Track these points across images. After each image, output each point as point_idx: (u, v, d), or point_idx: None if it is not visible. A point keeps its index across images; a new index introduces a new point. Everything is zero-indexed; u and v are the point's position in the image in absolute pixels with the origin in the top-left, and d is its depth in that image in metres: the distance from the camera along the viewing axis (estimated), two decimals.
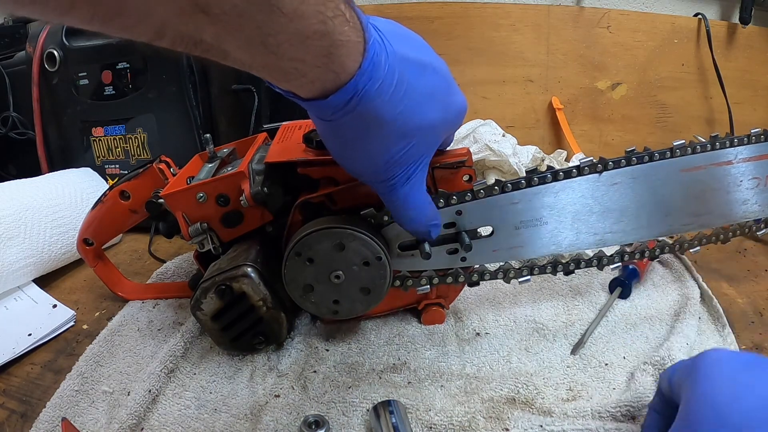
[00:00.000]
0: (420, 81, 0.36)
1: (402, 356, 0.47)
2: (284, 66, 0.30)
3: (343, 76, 0.32)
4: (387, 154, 0.36)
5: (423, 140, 0.38)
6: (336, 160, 0.40)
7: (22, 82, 0.78)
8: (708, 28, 0.89)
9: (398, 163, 0.37)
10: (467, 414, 0.39)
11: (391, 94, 0.34)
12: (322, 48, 0.30)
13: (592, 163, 0.45)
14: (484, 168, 0.74)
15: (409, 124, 0.36)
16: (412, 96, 0.35)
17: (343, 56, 0.31)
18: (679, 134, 0.81)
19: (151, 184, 0.52)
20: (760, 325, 0.49)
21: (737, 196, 0.49)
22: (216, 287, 0.44)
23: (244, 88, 0.75)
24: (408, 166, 0.38)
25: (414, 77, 0.35)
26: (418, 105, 0.36)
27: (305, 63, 0.30)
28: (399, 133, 0.36)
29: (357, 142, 0.36)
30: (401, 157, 0.37)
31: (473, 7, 0.92)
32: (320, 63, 0.30)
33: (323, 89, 0.32)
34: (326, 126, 0.36)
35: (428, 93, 0.37)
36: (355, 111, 0.33)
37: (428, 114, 0.37)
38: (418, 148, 0.38)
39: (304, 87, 0.32)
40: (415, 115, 0.36)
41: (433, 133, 0.38)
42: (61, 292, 0.61)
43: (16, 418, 0.42)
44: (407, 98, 0.35)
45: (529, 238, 0.47)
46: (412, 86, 0.35)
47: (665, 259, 0.60)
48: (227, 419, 0.41)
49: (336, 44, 0.30)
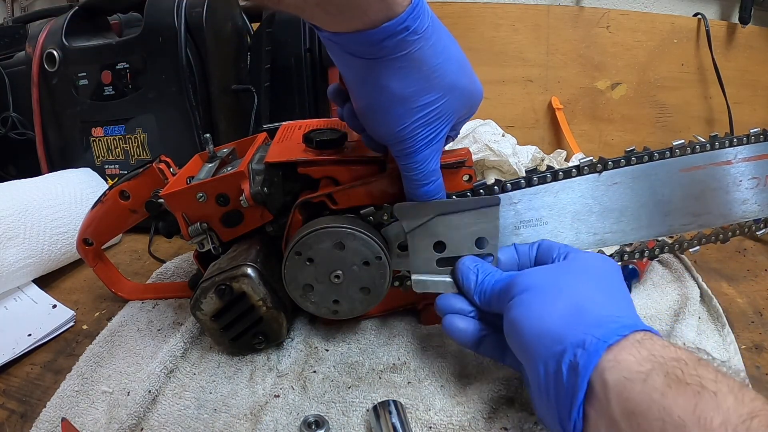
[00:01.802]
0: (454, 47, 0.38)
1: (402, 356, 0.47)
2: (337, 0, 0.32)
3: (394, 7, 0.33)
4: (419, 102, 0.37)
5: (452, 102, 0.38)
6: (361, 113, 0.40)
7: (21, 82, 0.77)
8: (707, 28, 0.89)
9: (426, 120, 0.38)
10: (467, 414, 0.39)
11: (433, 42, 0.36)
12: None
13: (592, 163, 0.45)
14: (484, 168, 0.75)
15: (445, 79, 0.37)
16: (448, 54, 0.37)
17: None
18: (679, 134, 0.82)
19: (150, 184, 0.52)
20: (760, 324, 0.49)
21: (737, 195, 0.49)
22: (216, 287, 0.44)
23: (244, 88, 0.75)
24: (433, 126, 0.38)
25: (448, 41, 0.38)
26: (453, 65, 0.38)
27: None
28: (435, 84, 0.37)
29: (392, 83, 0.36)
30: (430, 113, 0.38)
31: (473, 7, 0.92)
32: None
33: (374, 20, 0.33)
34: (364, 66, 0.36)
35: (460, 60, 0.39)
36: (401, 46, 0.34)
37: (460, 78, 0.39)
38: (447, 108, 0.38)
39: (355, 19, 0.33)
40: (450, 72, 0.37)
41: (460, 99, 0.39)
42: (61, 293, 0.61)
43: (16, 418, 0.42)
44: (445, 53, 0.37)
45: (529, 238, 0.47)
46: (447, 47, 0.37)
47: (665, 258, 0.60)
48: (227, 419, 0.41)
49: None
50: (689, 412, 0.26)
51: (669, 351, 0.30)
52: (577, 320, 0.33)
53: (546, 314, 0.34)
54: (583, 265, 0.39)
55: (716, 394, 0.26)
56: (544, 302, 0.35)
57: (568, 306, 0.34)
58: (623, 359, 0.30)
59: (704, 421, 0.25)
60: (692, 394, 0.27)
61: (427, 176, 0.41)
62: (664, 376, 0.28)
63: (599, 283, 0.37)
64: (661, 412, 0.27)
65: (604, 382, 0.29)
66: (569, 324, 0.33)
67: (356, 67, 0.37)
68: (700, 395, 0.26)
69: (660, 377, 0.28)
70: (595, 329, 0.32)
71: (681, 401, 0.26)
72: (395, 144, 0.40)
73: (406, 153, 0.40)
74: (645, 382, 0.28)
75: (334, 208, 0.46)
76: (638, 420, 0.28)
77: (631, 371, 0.29)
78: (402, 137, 0.39)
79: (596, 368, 0.30)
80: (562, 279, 0.38)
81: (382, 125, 0.39)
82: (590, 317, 0.33)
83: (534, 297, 0.36)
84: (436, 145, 0.40)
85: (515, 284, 0.38)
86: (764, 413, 0.25)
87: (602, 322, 0.32)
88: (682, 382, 0.27)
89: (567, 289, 0.36)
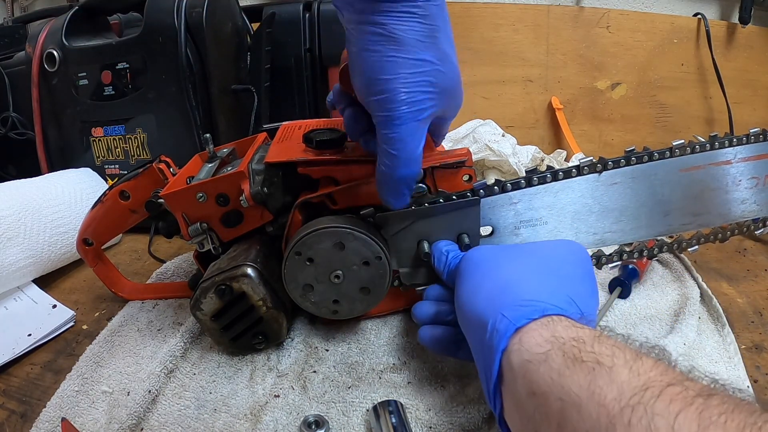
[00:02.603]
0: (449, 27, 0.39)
1: (402, 356, 0.47)
2: None
3: None
4: (414, 56, 0.37)
5: (443, 77, 0.38)
6: (351, 64, 0.39)
7: (21, 82, 0.77)
8: (707, 27, 0.89)
9: (415, 80, 0.37)
10: (467, 414, 0.39)
11: (438, 8, 0.36)
12: None
13: (592, 163, 0.45)
14: (484, 168, 0.75)
15: (442, 45, 0.38)
16: (446, 30, 0.38)
17: None
18: (679, 134, 0.82)
19: (150, 184, 0.52)
20: (760, 324, 0.49)
21: (736, 195, 0.49)
22: (216, 287, 0.44)
23: (243, 88, 0.75)
24: (421, 93, 0.37)
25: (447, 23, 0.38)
26: (449, 41, 0.38)
27: None
28: (433, 44, 0.37)
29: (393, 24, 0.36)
30: (421, 74, 0.37)
31: (473, 7, 0.92)
32: None
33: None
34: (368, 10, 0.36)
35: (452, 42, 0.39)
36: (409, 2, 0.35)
37: (452, 56, 0.39)
38: (438, 79, 0.38)
39: None
40: (446, 43, 0.38)
41: (450, 79, 0.39)
42: (61, 293, 0.61)
43: (16, 418, 0.42)
44: (444, 27, 0.38)
45: (529, 238, 0.47)
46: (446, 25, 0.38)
47: (665, 258, 0.60)
48: (227, 419, 0.41)
49: None
50: (585, 388, 0.26)
51: (570, 331, 0.30)
52: (499, 300, 0.33)
53: (477, 292, 0.35)
54: (535, 247, 0.39)
55: (611, 369, 0.26)
56: (480, 279, 0.36)
57: (496, 285, 0.34)
58: (526, 341, 0.30)
59: (599, 397, 0.25)
60: (587, 371, 0.27)
61: (408, 156, 0.38)
62: (563, 355, 0.28)
63: (542, 266, 0.37)
64: (559, 392, 0.27)
65: (510, 364, 0.30)
66: (492, 303, 0.33)
67: (361, 10, 0.36)
68: (595, 372, 0.26)
69: (558, 357, 0.28)
70: (509, 310, 0.32)
71: (577, 379, 0.27)
72: (378, 100, 0.37)
73: (388, 116, 0.37)
74: (544, 363, 0.28)
75: (334, 208, 0.46)
76: (539, 400, 0.28)
77: (532, 353, 0.29)
78: (387, 90, 0.37)
79: (505, 351, 0.31)
80: (503, 257, 0.38)
81: (370, 71, 0.37)
82: (510, 298, 0.33)
83: (472, 273, 0.37)
84: (421, 122, 0.38)
85: (464, 259, 0.39)
86: (657, 383, 0.24)
87: (519, 304, 0.32)
88: (578, 360, 0.27)
89: (503, 267, 0.36)
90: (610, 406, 0.24)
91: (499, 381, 0.31)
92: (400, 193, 0.41)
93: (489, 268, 0.37)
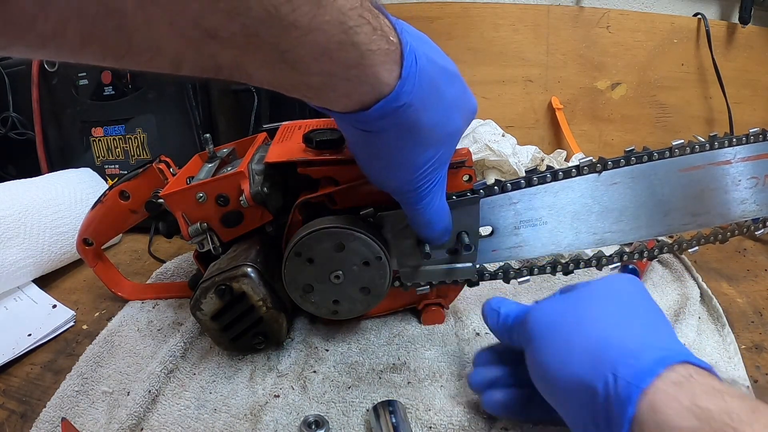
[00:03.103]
0: (449, 89, 0.36)
1: (402, 356, 0.47)
2: (312, 82, 0.29)
3: (379, 87, 0.31)
4: (419, 162, 0.36)
5: (450, 147, 0.38)
6: (364, 170, 0.40)
7: (22, 82, 0.78)
8: (707, 28, 0.89)
9: (427, 172, 0.37)
10: (467, 414, 0.39)
11: (429, 103, 0.33)
12: (349, 59, 0.29)
13: (592, 163, 0.45)
14: (484, 168, 0.74)
15: (442, 132, 0.36)
16: (443, 104, 0.35)
17: (375, 66, 0.29)
18: (679, 134, 0.82)
19: (150, 184, 0.52)
20: (760, 324, 0.49)
21: (736, 195, 0.49)
22: (216, 287, 0.44)
23: (243, 88, 0.75)
24: (435, 173, 0.38)
25: (444, 85, 0.35)
26: (449, 112, 0.36)
27: (334, 76, 0.29)
28: (432, 141, 0.36)
29: (392, 151, 0.35)
30: (431, 166, 0.37)
31: (473, 7, 0.92)
32: (350, 76, 0.29)
33: (360, 102, 0.31)
34: (361, 137, 0.35)
35: (455, 100, 0.37)
36: (396, 121, 0.33)
37: (456, 121, 0.37)
38: (446, 155, 0.38)
39: (339, 101, 0.31)
40: (447, 124, 0.36)
41: (457, 139, 0.39)
42: (61, 293, 0.61)
43: (16, 418, 0.42)
44: (440, 106, 0.35)
45: (529, 238, 0.47)
46: (443, 94, 0.35)
47: (665, 258, 0.60)
48: (227, 419, 0.41)
49: (365, 54, 0.29)
50: None
51: (715, 400, 0.25)
52: (601, 358, 0.29)
53: (567, 357, 0.30)
54: (598, 287, 0.35)
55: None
56: (563, 342, 0.31)
57: (588, 341, 0.30)
58: (661, 410, 0.26)
59: None
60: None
61: (435, 215, 0.40)
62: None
63: (620, 306, 0.33)
64: None
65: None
66: (593, 365, 0.29)
67: (355, 134, 0.36)
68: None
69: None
70: (623, 368, 0.28)
71: None
72: (399, 194, 0.39)
73: (408, 202, 0.39)
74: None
75: (334, 209, 0.46)
76: None
77: (673, 427, 0.25)
78: (405, 191, 0.38)
79: (633, 419, 0.26)
80: (579, 308, 0.33)
81: (385, 184, 0.39)
82: (615, 352, 0.29)
83: (550, 338, 0.32)
84: (438, 185, 0.39)
85: (528, 321, 0.35)
86: None
87: (630, 356, 0.28)
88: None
89: (585, 321, 0.32)
90: None
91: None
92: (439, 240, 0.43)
93: (568, 325, 0.32)
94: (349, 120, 0.33)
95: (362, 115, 0.32)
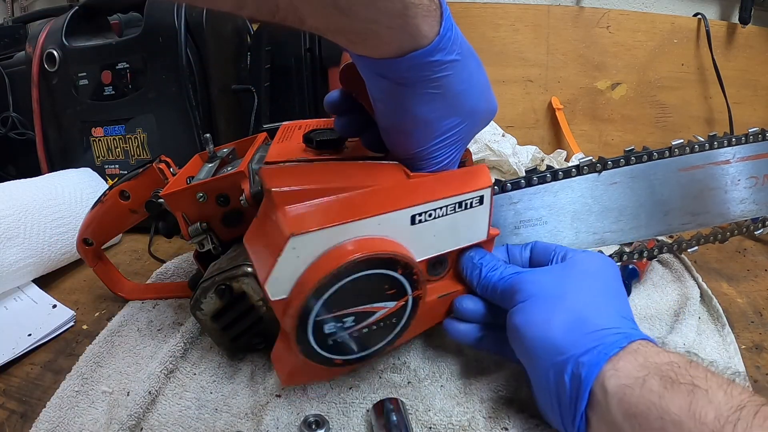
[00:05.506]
0: (479, 71, 0.38)
1: (402, 356, 0.47)
2: (358, 28, 0.31)
3: (419, 39, 0.32)
4: (440, 126, 0.37)
5: (470, 126, 0.39)
6: (383, 129, 0.40)
7: (21, 82, 0.77)
8: (708, 28, 0.89)
9: (445, 141, 0.38)
10: (467, 414, 0.39)
11: (460, 69, 0.35)
12: (395, 9, 0.31)
13: (591, 163, 0.46)
14: None
15: (467, 104, 0.37)
16: (473, 80, 0.37)
17: (417, 18, 0.32)
18: (679, 134, 0.82)
19: (150, 184, 0.52)
20: (760, 324, 0.50)
21: (735, 195, 0.49)
22: (216, 287, 0.44)
23: (243, 88, 0.75)
24: (451, 149, 0.39)
25: (475, 65, 0.37)
26: (476, 90, 0.38)
27: (379, 24, 0.31)
28: (457, 109, 0.37)
29: (419, 106, 0.36)
30: (450, 137, 0.38)
31: (473, 7, 0.92)
32: (394, 24, 0.31)
33: (400, 49, 0.33)
34: (391, 89, 0.36)
35: (483, 84, 0.39)
36: (429, 75, 0.34)
37: (481, 103, 0.39)
38: (465, 132, 0.38)
39: (380, 48, 0.33)
40: (473, 98, 0.38)
41: (478, 123, 0.39)
42: (61, 293, 0.61)
43: (16, 418, 0.42)
44: (470, 80, 0.37)
45: (529, 237, 0.47)
46: (473, 73, 0.37)
47: (665, 258, 0.60)
48: (228, 419, 0.41)
49: (408, 6, 0.31)
50: (685, 409, 0.28)
51: (662, 356, 0.32)
52: (579, 332, 0.35)
53: (549, 324, 0.36)
54: (584, 267, 0.40)
55: (708, 391, 0.29)
56: (547, 311, 0.36)
57: (570, 316, 0.36)
58: (621, 367, 0.32)
59: (699, 416, 0.28)
60: (686, 393, 0.29)
61: None
62: (660, 379, 0.30)
63: (600, 288, 0.38)
64: (659, 412, 0.29)
65: (605, 389, 0.32)
66: (571, 335, 0.35)
67: (382, 87, 0.37)
68: (694, 393, 0.29)
69: (656, 381, 0.30)
70: (595, 342, 0.34)
71: (677, 400, 0.29)
72: (412, 163, 0.40)
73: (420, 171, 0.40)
74: (643, 386, 0.31)
75: None
76: (639, 421, 0.30)
77: (629, 377, 0.31)
78: (420, 157, 0.39)
79: (597, 377, 0.32)
80: (565, 284, 0.38)
81: (403, 145, 0.39)
82: (591, 328, 0.35)
83: (537, 305, 0.37)
84: (451, 162, 0.40)
85: (519, 289, 0.39)
86: (751, 403, 0.27)
87: (603, 334, 0.34)
88: (676, 383, 0.30)
89: (569, 296, 0.37)
90: (712, 425, 0.27)
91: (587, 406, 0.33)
92: None
93: (555, 298, 0.37)
94: (384, 68, 0.34)
95: (398, 61, 0.33)
